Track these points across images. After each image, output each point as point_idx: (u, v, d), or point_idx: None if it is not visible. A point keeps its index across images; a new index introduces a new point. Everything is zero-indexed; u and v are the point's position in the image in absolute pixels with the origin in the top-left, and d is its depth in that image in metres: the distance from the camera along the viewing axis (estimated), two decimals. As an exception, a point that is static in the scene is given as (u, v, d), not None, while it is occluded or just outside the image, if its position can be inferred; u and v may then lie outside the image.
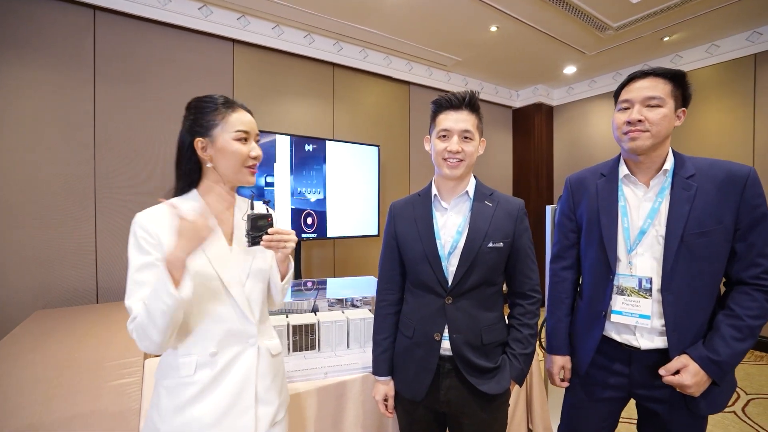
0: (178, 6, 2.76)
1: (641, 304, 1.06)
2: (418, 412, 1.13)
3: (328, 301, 1.79)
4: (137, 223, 0.86)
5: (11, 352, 1.59)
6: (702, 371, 0.97)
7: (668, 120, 1.02)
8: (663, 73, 1.03)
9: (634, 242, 1.08)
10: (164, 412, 0.86)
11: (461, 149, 1.06)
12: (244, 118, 0.94)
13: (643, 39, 3.52)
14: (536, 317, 1.12)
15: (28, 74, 2.36)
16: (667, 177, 1.06)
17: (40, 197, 2.40)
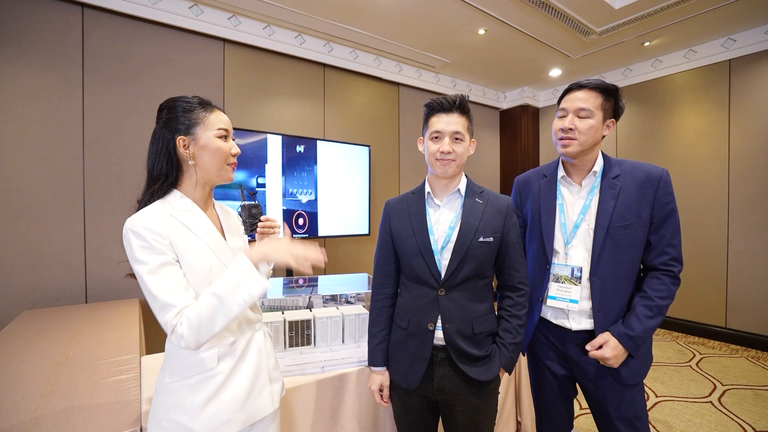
0: (169, 5, 2.75)
1: (572, 290, 1.20)
2: (412, 400, 1.18)
3: (323, 298, 1.82)
4: (142, 227, 0.84)
5: (3, 351, 1.58)
6: (620, 345, 1.12)
7: (595, 130, 1.16)
8: (595, 87, 1.16)
9: (570, 235, 1.22)
10: (191, 410, 0.88)
11: (452, 150, 1.11)
12: (222, 117, 0.98)
13: (625, 44, 3.65)
14: (524, 308, 1.17)
15: (13, 71, 2.33)
16: (597, 177, 1.21)
17: (27, 196, 2.37)
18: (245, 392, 0.94)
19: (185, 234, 0.90)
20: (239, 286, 0.84)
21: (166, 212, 0.90)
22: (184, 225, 0.91)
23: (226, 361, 0.93)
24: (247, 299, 0.85)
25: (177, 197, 0.94)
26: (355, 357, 1.50)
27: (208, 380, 0.90)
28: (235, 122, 3.09)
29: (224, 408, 0.91)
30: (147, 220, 0.85)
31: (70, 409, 1.12)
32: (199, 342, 0.82)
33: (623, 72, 4.27)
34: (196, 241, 0.91)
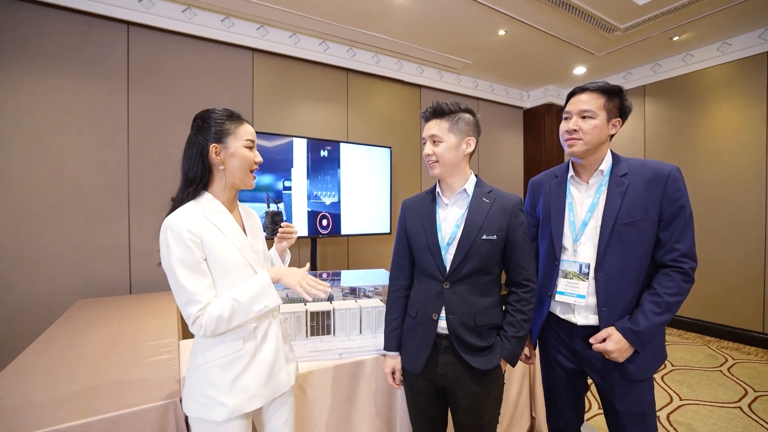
0: (203, 19, 2.96)
1: (579, 285, 1.23)
2: (419, 383, 1.27)
3: (343, 291, 1.93)
4: (179, 226, 0.96)
5: (64, 333, 1.79)
6: (624, 339, 1.14)
7: (599, 129, 1.20)
8: (597, 89, 1.21)
9: (578, 233, 1.26)
10: (222, 385, 1.01)
11: (432, 152, 1.22)
12: (249, 128, 1.11)
13: (652, 39, 3.56)
14: (529, 304, 1.22)
15: (69, 85, 2.59)
16: (605, 176, 1.25)
17: (80, 197, 2.63)
18: (267, 371, 1.08)
19: (215, 233, 1.03)
20: (258, 298, 1.02)
21: (199, 212, 1.03)
22: (214, 224, 1.04)
23: (250, 343, 1.06)
24: (263, 309, 1.03)
25: (208, 199, 1.07)
26: (371, 346, 1.61)
27: (236, 360, 1.03)
28: (263, 127, 3.28)
29: (250, 384, 1.04)
30: (183, 220, 0.98)
31: (121, 381, 1.28)
32: (214, 333, 0.98)
33: (652, 68, 4.15)
34: (224, 240, 1.04)
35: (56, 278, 2.56)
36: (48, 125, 2.54)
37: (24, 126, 2.48)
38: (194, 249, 0.97)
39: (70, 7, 2.56)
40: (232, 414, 1.01)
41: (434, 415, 1.29)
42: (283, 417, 1.15)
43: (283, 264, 1.24)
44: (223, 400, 1.00)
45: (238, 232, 1.09)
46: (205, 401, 1.01)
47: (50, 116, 2.54)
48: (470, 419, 1.20)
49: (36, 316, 2.46)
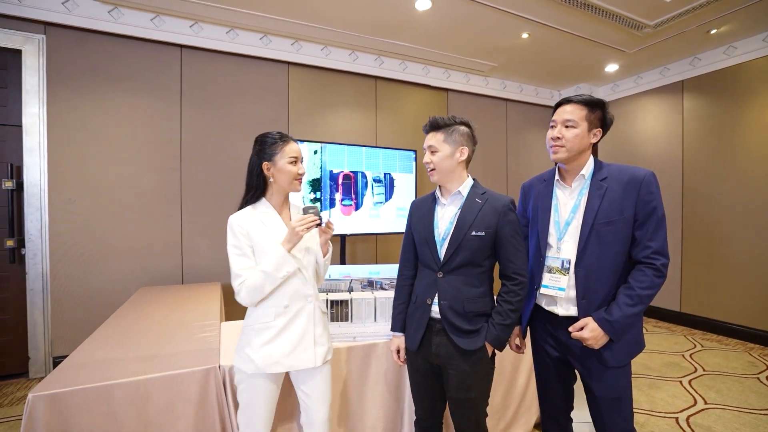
0: (244, 38, 3.30)
1: (561, 279, 1.35)
2: (417, 361, 1.44)
3: (361, 283, 2.13)
4: (234, 222, 1.31)
5: (130, 313, 2.15)
6: (599, 328, 1.25)
7: (580, 138, 1.31)
8: (580, 101, 1.33)
9: (562, 231, 1.37)
10: (255, 346, 1.28)
11: (430, 160, 1.39)
12: (294, 147, 1.37)
13: (688, 33, 3.44)
14: (518, 296, 1.34)
15: (130, 102, 3.02)
16: (586, 180, 1.36)
17: (141, 199, 3.05)
18: (292, 345, 1.31)
19: (261, 228, 1.33)
20: (279, 267, 1.28)
21: (252, 213, 1.35)
22: (262, 222, 1.34)
23: (280, 319, 1.31)
24: (285, 275, 1.29)
25: (263, 204, 1.39)
26: (383, 332, 1.79)
27: (267, 329, 1.30)
28: (297, 134, 3.56)
29: (275, 351, 1.29)
30: (237, 218, 1.33)
31: (174, 351, 1.57)
32: (253, 301, 1.28)
33: (690, 62, 3.98)
34: (269, 234, 1.32)
35: (123, 269, 2.99)
36: (115, 137, 2.97)
37: (98, 139, 2.92)
38: (241, 238, 1.30)
39: (134, 36, 2.97)
40: (258, 370, 1.27)
41: (432, 391, 1.45)
42: (311, 388, 1.36)
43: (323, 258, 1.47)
44: (253, 357, 1.27)
45: (281, 228, 1.35)
46: (243, 356, 1.29)
47: (117, 129, 2.98)
48: (459, 393, 1.35)
49: (108, 300, 2.89)
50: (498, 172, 4.78)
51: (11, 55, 2.75)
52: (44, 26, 2.77)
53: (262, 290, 1.27)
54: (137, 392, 1.30)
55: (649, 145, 4.42)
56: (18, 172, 2.78)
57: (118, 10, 2.89)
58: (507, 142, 4.83)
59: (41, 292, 2.78)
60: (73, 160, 2.85)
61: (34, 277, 2.77)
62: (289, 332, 1.31)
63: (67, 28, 2.82)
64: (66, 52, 2.83)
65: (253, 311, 1.32)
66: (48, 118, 2.78)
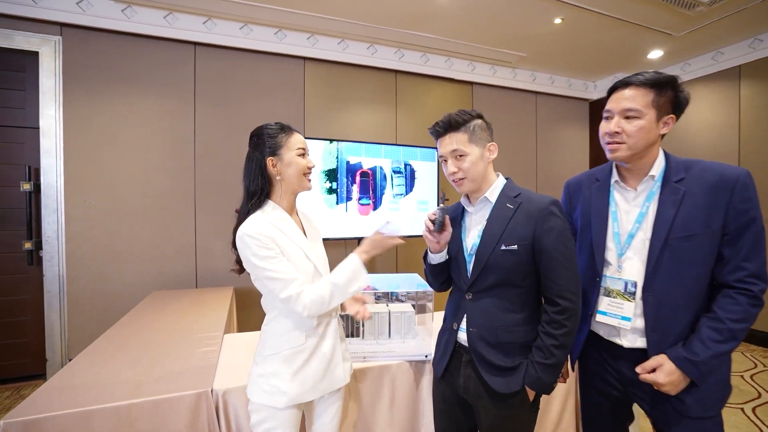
0: (259, 34, 3.18)
1: (624, 306, 1.10)
2: (443, 389, 1.25)
3: (375, 295, 1.95)
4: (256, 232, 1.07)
5: (135, 321, 2.06)
6: (678, 370, 0.99)
7: (647, 131, 1.04)
8: (644, 83, 1.03)
9: (624, 246, 1.12)
10: (286, 376, 1.11)
11: (458, 168, 1.13)
12: (300, 138, 1.20)
13: (749, 10, 3.02)
14: (563, 327, 1.04)
15: (143, 101, 2.96)
16: (656, 181, 1.09)
17: (155, 201, 2.99)
18: (325, 366, 1.17)
19: (283, 238, 1.14)
20: (352, 280, 1.13)
21: (267, 220, 1.13)
22: (281, 231, 1.14)
23: (311, 339, 1.16)
24: (356, 290, 1.14)
25: (271, 208, 1.17)
26: (397, 351, 1.60)
27: (298, 354, 1.14)
28: (314, 132, 3.42)
29: (309, 377, 1.14)
30: (258, 227, 1.09)
31: (168, 369, 1.44)
32: (314, 313, 1.10)
33: (750, 43, 3.54)
34: (291, 244, 1.15)
35: (138, 271, 2.94)
36: (129, 138, 2.92)
37: (112, 139, 2.88)
38: (272, 246, 1.09)
39: (147, 35, 2.91)
40: (292, 402, 1.11)
41: (458, 425, 1.24)
42: (331, 414, 1.23)
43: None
44: (285, 389, 1.11)
45: (300, 237, 1.18)
46: (269, 389, 1.12)
47: (131, 130, 2.93)
48: None
49: (123, 302, 2.84)
50: (527, 171, 4.47)
51: (29, 57, 2.74)
52: (60, 27, 2.75)
53: (329, 303, 1.11)
54: (119, 419, 1.18)
55: (700, 138, 3.99)
56: (36, 174, 2.78)
57: (131, 8, 2.84)
58: (537, 138, 4.51)
59: (58, 294, 2.77)
60: (88, 161, 2.83)
61: (51, 279, 2.76)
62: (321, 353, 1.17)
63: (82, 28, 2.79)
64: (81, 53, 2.80)
65: (276, 335, 1.14)
66: (64, 119, 2.76)
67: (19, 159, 2.78)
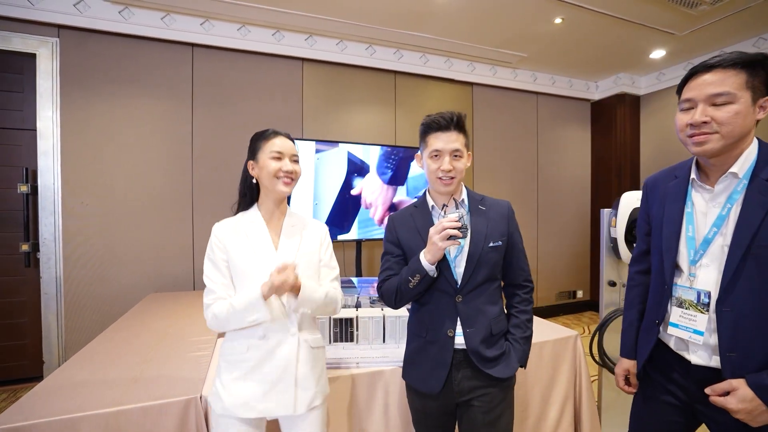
0: (256, 35, 3.17)
1: (697, 318, 0.98)
2: (432, 405, 1.19)
3: (370, 298, 1.93)
4: (214, 232, 1.15)
5: (129, 324, 2.05)
6: (756, 399, 0.87)
7: (743, 117, 0.89)
8: (733, 63, 0.90)
9: (698, 252, 1.00)
10: (225, 382, 1.09)
11: (453, 167, 1.14)
12: (278, 141, 1.16)
13: (754, 9, 2.97)
14: (530, 304, 1.25)
15: (142, 103, 2.95)
16: (741, 179, 0.94)
17: (152, 202, 2.98)
18: (266, 387, 1.07)
19: (242, 242, 1.13)
20: (248, 310, 1.04)
21: (237, 222, 1.16)
22: (245, 234, 1.15)
23: (254, 352, 1.08)
24: (255, 321, 1.05)
25: (252, 212, 1.20)
26: (391, 357, 1.57)
27: (239, 364, 1.09)
28: (312, 133, 3.41)
29: (245, 392, 1.07)
30: (218, 227, 1.16)
31: (158, 374, 1.42)
32: (213, 328, 1.11)
33: (754, 43, 3.49)
34: (249, 249, 1.13)
35: (135, 273, 2.93)
36: (127, 139, 2.91)
37: (110, 141, 2.88)
38: (217, 251, 1.13)
39: (145, 36, 2.91)
40: (225, 411, 1.07)
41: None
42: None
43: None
44: (222, 395, 1.08)
45: (265, 244, 1.15)
46: (213, 390, 1.12)
47: (129, 131, 2.92)
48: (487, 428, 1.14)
49: (120, 304, 2.84)
50: (528, 172, 4.43)
51: (26, 59, 2.74)
52: (57, 29, 2.75)
53: (225, 323, 1.08)
54: (107, 426, 1.16)
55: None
56: (33, 176, 2.78)
57: (129, 9, 2.83)
58: (538, 139, 4.47)
59: (55, 296, 2.77)
60: (85, 163, 2.82)
61: (48, 281, 2.76)
62: (265, 370, 1.08)
63: (79, 30, 2.78)
64: (78, 54, 2.80)
65: (227, 338, 1.14)
66: (61, 121, 2.75)
67: (17, 161, 2.77)
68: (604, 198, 4.54)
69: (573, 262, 4.69)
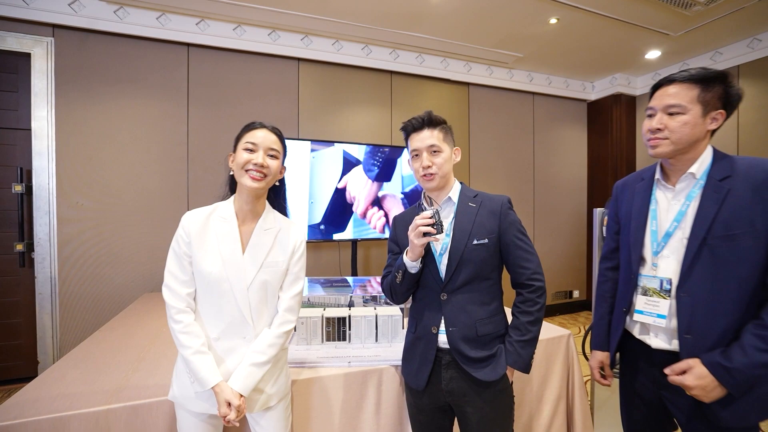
0: (252, 35, 3.17)
1: (660, 304, 1.09)
2: (423, 401, 1.22)
3: (363, 298, 1.93)
4: (181, 224, 1.09)
5: (122, 324, 2.04)
6: (709, 375, 0.95)
7: (691, 126, 1.02)
8: (689, 78, 1.02)
9: (660, 244, 1.11)
10: (179, 370, 1.09)
11: (432, 163, 1.17)
12: (258, 133, 1.10)
13: (748, 10, 2.99)
14: (537, 304, 1.15)
15: (138, 104, 2.95)
16: (699, 179, 1.06)
17: (147, 203, 2.98)
18: None
19: (209, 237, 1.08)
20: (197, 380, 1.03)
21: (210, 215, 1.11)
22: (213, 230, 1.09)
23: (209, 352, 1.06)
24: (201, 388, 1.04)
25: (227, 203, 1.14)
26: (383, 356, 1.57)
27: None
28: (309, 133, 3.41)
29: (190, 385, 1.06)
30: (187, 216, 1.10)
31: (149, 373, 1.42)
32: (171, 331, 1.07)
33: (749, 43, 3.50)
34: (213, 247, 1.07)
35: (130, 273, 2.93)
36: (122, 139, 2.91)
37: (105, 141, 2.87)
38: (182, 244, 1.07)
39: (140, 36, 2.90)
40: (176, 399, 1.09)
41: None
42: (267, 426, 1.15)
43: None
44: (174, 385, 1.10)
45: (231, 245, 1.08)
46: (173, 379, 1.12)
47: (124, 131, 2.92)
48: None
49: (116, 305, 2.84)
50: (524, 172, 4.44)
51: (21, 58, 2.74)
52: (52, 29, 2.74)
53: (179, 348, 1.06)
54: (96, 425, 1.16)
55: (698, 140, 3.95)
56: (28, 176, 2.77)
57: (124, 9, 2.83)
58: (534, 139, 4.48)
59: (50, 297, 2.76)
60: (80, 163, 2.82)
61: (42, 281, 2.75)
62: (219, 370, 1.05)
63: (74, 29, 2.78)
64: (73, 54, 2.79)
65: None
66: (56, 121, 2.75)
67: (11, 161, 2.77)
68: (600, 198, 4.55)
69: (569, 262, 4.70)
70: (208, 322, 1.09)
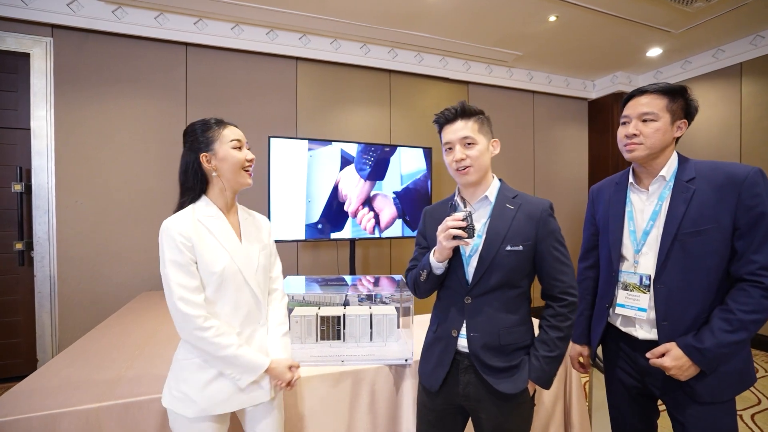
0: (250, 34, 3.17)
1: (640, 298, 1.18)
2: (436, 402, 1.18)
3: (359, 296, 1.92)
4: (173, 229, 1.03)
5: (119, 322, 2.05)
6: (684, 356, 1.06)
7: (662, 133, 1.14)
8: (659, 90, 1.16)
9: (639, 243, 1.20)
10: (196, 384, 1.04)
11: (465, 156, 1.10)
12: (235, 130, 1.13)
13: (751, 6, 2.95)
14: (568, 320, 1.09)
15: (136, 103, 2.96)
16: (668, 181, 1.17)
17: (146, 202, 2.99)
18: None
19: (207, 237, 1.08)
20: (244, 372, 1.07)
21: (194, 217, 1.08)
22: (207, 228, 1.09)
23: None
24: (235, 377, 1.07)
25: (203, 204, 1.12)
26: (376, 355, 1.57)
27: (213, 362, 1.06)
28: (307, 132, 3.40)
29: (222, 389, 1.06)
30: (176, 223, 1.04)
31: (144, 372, 1.42)
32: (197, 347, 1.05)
33: (752, 40, 3.46)
34: (215, 244, 1.08)
35: (129, 272, 2.94)
36: (121, 139, 2.92)
37: (104, 140, 2.88)
38: (184, 251, 1.03)
39: (139, 35, 2.91)
40: (202, 413, 1.03)
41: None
42: (268, 428, 1.13)
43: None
44: (195, 398, 1.04)
45: (230, 236, 1.11)
46: (179, 396, 1.05)
47: (123, 131, 2.93)
48: None
49: (115, 303, 2.84)
50: (524, 171, 4.42)
51: (20, 58, 2.75)
52: (51, 29, 2.75)
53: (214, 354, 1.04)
54: (87, 422, 1.16)
55: (702, 137, 3.92)
56: (27, 175, 2.79)
57: (122, 9, 2.84)
58: (534, 138, 4.46)
59: (49, 295, 2.77)
60: (79, 162, 2.83)
61: (42, 280, 2.76)
62: None
63: (73, 29, 2.79)
64: (72, 54, 2.80)
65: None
66: (55, 120, 2.76)
67: (11, 160, 2.78)
68: (602, 197, 4.52)
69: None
70: (227, 319, 1.09)
